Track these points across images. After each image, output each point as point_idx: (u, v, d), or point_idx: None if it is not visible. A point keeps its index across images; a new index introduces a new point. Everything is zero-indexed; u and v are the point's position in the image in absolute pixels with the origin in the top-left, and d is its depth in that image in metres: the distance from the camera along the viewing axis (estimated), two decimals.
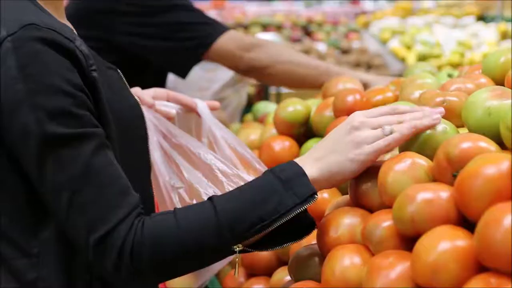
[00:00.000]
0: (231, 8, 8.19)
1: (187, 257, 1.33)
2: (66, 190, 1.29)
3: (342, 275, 1.34)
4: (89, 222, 1.30)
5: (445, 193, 1.24)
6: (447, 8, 8.11)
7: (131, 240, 1.29)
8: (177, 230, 1.30)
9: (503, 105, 1.38)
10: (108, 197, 1.31)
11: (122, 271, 1.30)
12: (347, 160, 1.38)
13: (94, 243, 1.29)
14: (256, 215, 1.31)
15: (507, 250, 1.04)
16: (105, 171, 1.32)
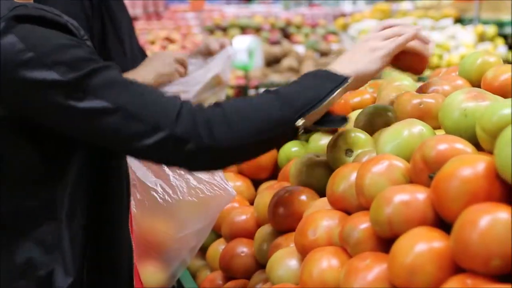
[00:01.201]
0: (209, 10, 8.19)
1: (258, 130, 1.41)
2: (119, 109, 1.33)
3: (320, 277, 1.35)
4: (153, 121, 1.34)
5: (421, 195, 1.25)
6: (425, 10, 8.16)
7: (198, 119, 1.36)
8: (246, 104, 1.44)
9: (479, 107, 1.39)
10: (155, 98, 1.39)
11: (202, 149, 1.35)
12: (368, 62, 1.56)
13: (168, 134, 1.33)
14: (308, 94, 1.47)
15: (483, 251, 1.05)
16: (139, 84, 1.41)
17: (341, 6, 10.58)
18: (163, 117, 1.34)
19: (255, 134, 1.40)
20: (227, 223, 1.93)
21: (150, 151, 1.36)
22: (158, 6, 8.02)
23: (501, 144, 1.13)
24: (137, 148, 1.36)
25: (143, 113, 1.34)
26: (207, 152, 1.36)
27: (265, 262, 1.64)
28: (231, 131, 1.37)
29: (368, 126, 1.75)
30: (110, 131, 1.35)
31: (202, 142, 1.34)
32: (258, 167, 2.10)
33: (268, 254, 1.66)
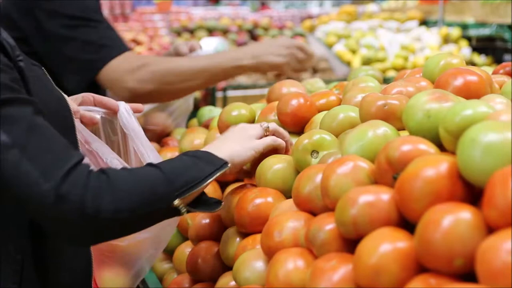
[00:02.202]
0: (176, 12, 8.15)
1: (140, 204, 1.37)
2: (16, 147, 1.29)
3: (286, 279, 1.35)
4: (45, 168, 1.29)
5: (386, 195, 1.26)
6: (390, 12, 8.24)
7: (89, 183, 1.30)
8: (131, 176, 1.40)
9: (442, 108, 1.41)
10: (57, 147, 1.34)
11: (80, 215, 1.29)
12: (243, 149, 1.66)
13: (53, 186, 1.27)
14: (189, 175, 1.48)
15: (446, 251, 1.06)
16: (48, 129, 1.36)
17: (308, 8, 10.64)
18: (54, 168, 1.29)
19: (136, 208, 1.36)
20: (193, 225, 1.92)
21: (30, 199, 1.30)
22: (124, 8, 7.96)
23: (463, 144, 1.15)
24: (21, 192, 1.30)
25: (38, 158, 1.29)
26: (85, 218, 1.29)
27: (232, 264, 1.64)
28: (114, 202, 1.32)
29: (333, 128, 1.76)
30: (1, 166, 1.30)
31: (83, 207, 1.28)
32: None
33: (234, 256, 1.66)
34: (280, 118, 1.99)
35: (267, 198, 1.69)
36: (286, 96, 2.02)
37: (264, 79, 6.25)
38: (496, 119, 1.27)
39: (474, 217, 1.07)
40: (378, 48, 6.79)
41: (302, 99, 1.97)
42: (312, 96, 2.07)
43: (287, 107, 1.96)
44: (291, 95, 2.01)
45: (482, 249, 1.01)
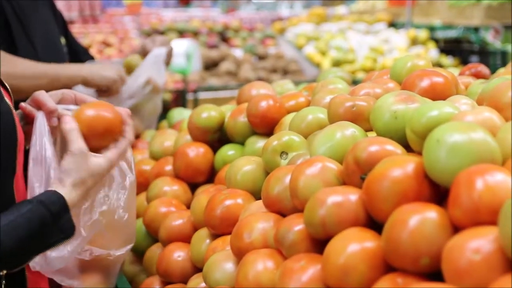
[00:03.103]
0: (147, 14, 8.11)
1: None
2: None
3: (256, 280, 1.35)
4: None
5: (354, 196, 1.27)
6: (359, 14, 8.30)
7: None
8: None
9: (408, 109, 1.42)
10: None
11: None
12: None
13: None
14: (30, 250, 1.41)
15: (413, 250, 1.07)
16: None
17: (278, 10, 10.66)
18: None
19: None
20: (164, 227, 1.92)
21: None
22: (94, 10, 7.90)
23: (428, 145, 1.17)
24: None
25: None
26: None
27: (202, 265, 1.64)
28: None
29: (302, 129, 1.77)
30: None
31: None
32: (195, 171, 2.10)
33: (204, 257, 1.67)
34: (249, 119, 2.00)
35: (237, 199, 1.69)
36: (256, 97, 2.03)
37: (235, 80, 6.26)
38: (461, 119, 1.29)
39: (440, 217, 1.09)
40: (347, 50, 6.84)
41: (272, 101, 1.98)
42: (281, 98, 2.08)
43: (256, 108, 1.97)
44: (260, 96, 2.02)
45: (448, 248, 1.02)
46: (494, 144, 1.15)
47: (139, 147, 2.73)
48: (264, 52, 7.07)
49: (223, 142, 2.16)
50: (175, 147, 2.28)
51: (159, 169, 2.24)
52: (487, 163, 1.11)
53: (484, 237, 0.99)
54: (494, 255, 0.97)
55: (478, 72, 2.15)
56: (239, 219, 1.61)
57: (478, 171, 1.06)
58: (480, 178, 1.05)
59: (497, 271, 0.96)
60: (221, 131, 2.17)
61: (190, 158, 2.10)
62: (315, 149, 1.50)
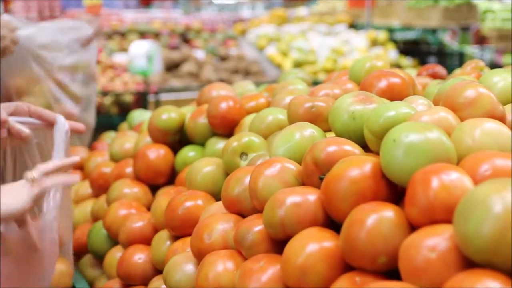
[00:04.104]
0: (107, 15, 8.04)
1: None
2: None
3: (216, 281, 1.35)
4: None
5: (312, 196, 1.28)
6: (320, 16, 8.35)
7: None
8: None
9: (366, 110, 1.44)
10: None
11: None
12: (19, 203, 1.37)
13: None
14: None
15: (370, 249, 1.08)
16: None
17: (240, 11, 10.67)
18: None
19: None
20: (124, 230, 1.90)
21: None
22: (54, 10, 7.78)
23: (385, 145, 1.18)
24: None
25: None
26: None
27: (163, 267, 1.64)
28: None
29: (262, 130, 1.77)
30: None
31: None
32: (155, 173, 2.09)
33: (165, 259, 1.66)
34: (209, 120, 2.00)
35: (197, 200, 1.69)
36: (216, 99, 2.03)
37: (196, 82, 6.25)
38: (417, 120, 1.30)
39: (396, 216, 1.10)
40: (308, 51, 6.87)
41: (232, 102, 1.98)
42: (241, 99, 2.09)
43: (216, 109, 1.97)
44: (220, 97, 2.02)
45: (404, 246, 1.04)
46: (449, 144, 1.17)
47: (99, 149, 2.70)
48: (225, 53, 7.07)
49: (184, 144, 2.16)
50: (135, 149, 2.27)
51: (119, 171, 2.22)
52: (442, 162, 1.13)
53: (439, 235, 1.00)
54: (449, 253, 0.98)
55: (435, 72, 2.19)
56: (199, 220, 1.61)
57: (434, 170, 1.08)
58: (436, 177, 1.06)
59: (453, 268, 0.97)
60: (181, 133, 2.17)
61: (151, 160, 2.09)
62: (275, 150, 1.50)
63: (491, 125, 1.25)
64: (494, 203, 0.91)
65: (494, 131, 1.24)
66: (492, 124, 1.26)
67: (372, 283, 1.07)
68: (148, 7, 11.01)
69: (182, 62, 6.68)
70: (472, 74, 1.91)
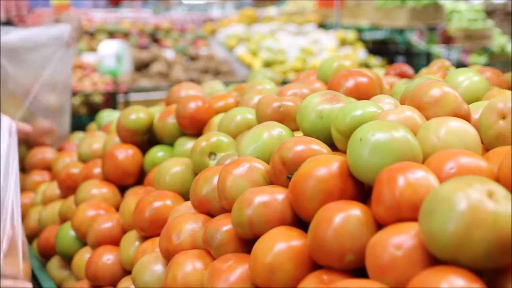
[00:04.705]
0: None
1: None
2: None
3: (184, 281, 1.35)
4: None
5: (280, 195, 1.28)
6: (289, 16, 8.37)
7: None
8: None
9: (333, 109, 1.44)
10: None
11: None
12: None
13: None
14: None
15: (338, 247, 1.09)
16: None
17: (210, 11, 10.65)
18: None
19: None
20: (92, 231, 1.89)
21: None
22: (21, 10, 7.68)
23: (352, 144, 1.19)
24: None
25: None
26: None
27: (132, 268, 1.63)
28: None
29: (231, 130, 1.78)
30: None
31: None
32: (124, 173, 2.08)
33: (134, 260, 1.65)
34: (178, 120, 1.99)
35: (166, 201, 1.68)
36: (184, 98, 2.02)
37: (166, 81, 6.22)
38: (384, 119, 1.32)
39: (363, 214, 1.11)
40: (278, 51, 6.88)
41: (200, 102, 1.98)
42: (210, 99, 2.08)
43: (185, 109, 1.97)
44: (189, 97, 2.01)
45: (371, 244, 1.04)
46: (415, 142, 1.18)
47: (67, 150, 2.68)
48: (195, 53, 7.05)
49: (152, 144, 2.15)
50: (104, 149, 2.25)
51: (87, 172, 2.21)
52: (408, 160, 1.14)
53: (405, 233, 1.01)
54: (415, 251, 0.99)
55: (402, 72, 2.21)
56: (168, 220, 1.60)
57: (400, 168, 1.09)
58: (402, 176, 1.07)
59: (419, 266, 0.98)
60: (150, 133, 2.16)
61: (119, 160, 2.08)
62: (243, 149, 1.50)
63: (456, 124, 1.27)
64: (458, 200, 0.92)
65: (459, 130, 1.26)
66: (457, 123, 1.27)
67: (339, 281, 1.07)
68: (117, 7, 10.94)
69: (152, 62, 6.65)
70: (438, 74, 1.93)
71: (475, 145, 1.25)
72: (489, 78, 1.83)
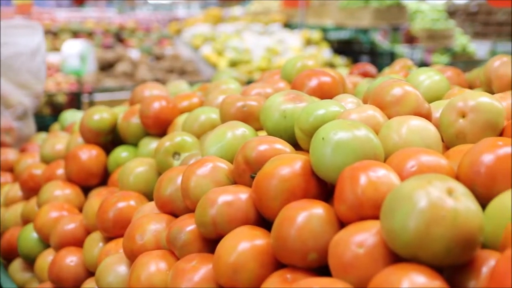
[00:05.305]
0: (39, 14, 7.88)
1: None
2: None
3: (148, 281, 1.34)
4: None
5: (244, 195, 1.28)
6: (255, 15, 8.38)
7: None
8: None
9: (297, 108, 1.45)
10: None
11: None
12: None
13: None
14: None
15: (301, 246, 1.09)
16: None
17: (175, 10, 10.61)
18: None
19: None
20: (55, 232, 1.87)
21: None
22: None
23: (314, 143, 1.19)
24: None
25: None
26: None
27: (95, 269, 1.61)
28: None
29: (195, 129, 1.77)
30: None
31: None
32: (88, 174, 2.06)
33: (97, 261, 1.64)
34: (142, 121, 1.98)
35: (130, 201, 1.67)
36: (148, 98, 2.01)
37: (131, 81, 6.18)
38: (346, 118, 1.32)
39: (326, 213, 1.11)
40: (243, 50, 6.89)
41: (164, 102, 1.97)
42: (174, 98, 2.08)
43: (149, 109, 1.96)
44: (153, 97, 2.00)
45: (334, 243, 1.05)
46: (377, 141, 1.19)
47: (29, 151, 2.65)
48: (160, 52, 7.02)
49: (116, 144, 2.13)
50: (67, 150, 2.23)
51: (50, 173, 2.18)
52: (370, 159, 1.15)
53: (367, 231, 1.02)
54: (377, 248, 1.00)
55: (365, 71, 2.23)
56: (131, 221, 1.59)
57: (361, 167, 1.10)
58: (363, 174, 1.08)
59: (380, 263, 0.99)
60: (114, 133, 2.14)
61: (83, 161, 2.06)
62: (207, 149, 1.50)
63: (417, 123, 1.28)
64: (419, 198, 0.93)
65: (420, 128, 1.27)
66: (418, 122, 1.29)
67: (302, 280, 1.07)
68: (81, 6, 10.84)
69: (117, 62, 6.61)
70: (401, 73, 1.95)
71: (435, 143, 1.27)
72: (450, 77, 1.85)
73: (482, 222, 0.94)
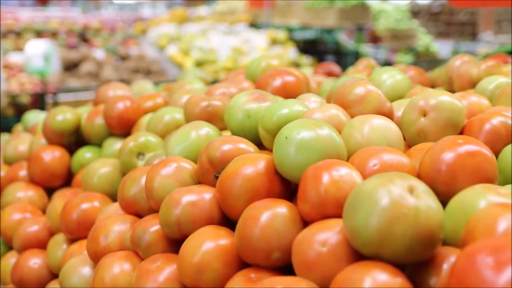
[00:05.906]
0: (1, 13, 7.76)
1: None
2: None
3: (112, 283, 1.33)
4: None
5: (208, 195, 1.28)
6: (220, 15, 8.37)
7: None
8: None
9: (260, 108, 1.45)
10: None
11: None
12: None
13: None
14: None
15: (264, 245, 1.10)
16: None
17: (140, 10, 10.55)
18: None
19: None
20: (18, 234, 1.85)
21: None
22: None
23: (278, 142, 1.20)
24: None
25: None
26: None
27: (59, 271, 1.60)
28: None
29: (159, 130, 1.76)
30: None
31: None
32: (51, 175, 2.04)
33: (61, 263, 1.63)
34: (106, 121, 1.97)
35: (93, 202, 1.66)
36: (112, 99, 2.00)
37: (96, 81, 6.13)
38: (309, 117, 1.33)
39: (289, 212, 1.12)
40: (209, 50, 6.88)
41: (129, 102, 1.96)
42: (139, 99, 2.07)
43: (113, 110, 1.94)
44: (117, 98, 1.99)
45: (297, 242, 1.06)
46: (340, 140, 1.20)
47: None
48: (126, 52, 6.98)
49: (80, 145, 2.12)
50: (29, 151, 2.21)
51: (13, 175, 2.16)
52: (333, 158, 1.16)
53: (330, 229, 1.03)
54: (340, 247, 1.01)
55: (330, 71, 2.24)
56: (95, 222, 1.58)
57: (324, 166, 1.11)
58: (326, 173, 1.09)
59: (343, 261, 1.00)
60: (77, 134, 2.12)
61: (46, 162, 2.04)
62: (171, 149, 1.50)
63: (379, 121, 1.30)
64: (380, 196, 0.94)
65: (382, 127, 1.28)
66: (380, 120, 1.30)
67: (266, 279, 1.08)
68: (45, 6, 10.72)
69: (81, 62, 6.55)
70: (364, 72, 1.97)
71: (397, 142, 1.28)
72: (412, 77, 1.88)
73: (442, 220, 0.95)
